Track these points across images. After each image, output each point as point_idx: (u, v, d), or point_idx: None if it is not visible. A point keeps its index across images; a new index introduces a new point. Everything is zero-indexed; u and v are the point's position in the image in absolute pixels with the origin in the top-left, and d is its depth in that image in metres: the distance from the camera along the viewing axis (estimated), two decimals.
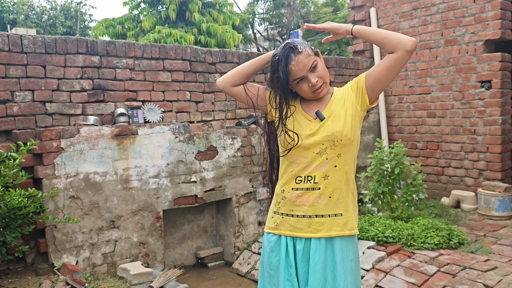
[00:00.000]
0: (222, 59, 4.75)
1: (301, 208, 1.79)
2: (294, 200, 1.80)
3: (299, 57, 1.77)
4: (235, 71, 1.94)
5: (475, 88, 5.23)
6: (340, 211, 1.78)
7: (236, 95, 1.95)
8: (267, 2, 18.50)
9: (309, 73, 1.78)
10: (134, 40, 11.39)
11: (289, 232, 1.82)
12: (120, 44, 4.09)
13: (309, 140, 1.78)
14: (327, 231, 1.77)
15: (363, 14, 6.24)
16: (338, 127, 1.76)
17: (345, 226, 1.78)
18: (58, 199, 3.49)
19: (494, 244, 3.88)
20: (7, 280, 3.26)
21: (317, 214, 1.78)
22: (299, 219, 1.80)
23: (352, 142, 1.79)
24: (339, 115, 1.78)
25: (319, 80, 1.79)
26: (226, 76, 1.95)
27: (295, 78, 1.79)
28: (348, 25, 1.88)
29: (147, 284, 3.58)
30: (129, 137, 3.85)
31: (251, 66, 1.92)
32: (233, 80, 1.93)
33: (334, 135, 1.75)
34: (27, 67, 3.60)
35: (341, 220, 1.78)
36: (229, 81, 1.94)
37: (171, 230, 4.42)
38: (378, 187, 4.29)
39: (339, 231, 1.77)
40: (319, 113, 1.80)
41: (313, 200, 1.77)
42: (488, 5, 5.02)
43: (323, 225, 1.77)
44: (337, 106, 1.81)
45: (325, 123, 1.78)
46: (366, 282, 3.39)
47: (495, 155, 5.11)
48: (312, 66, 1.78)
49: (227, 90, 1.96)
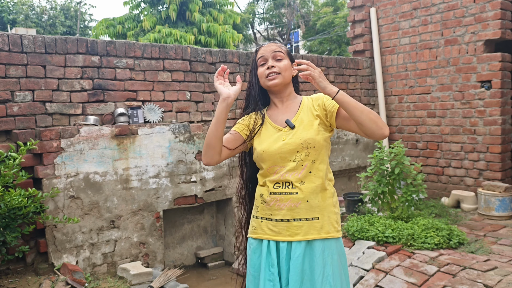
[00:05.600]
0: (222, 59, 4.75)
1: (279, 212, 1.82)
2: (273, 204, 1.83)
3: (270, 44, 1.91)
4: (208, 141, 1.81)
5: (475, 88, 5.23)
6: (316, 215, 1.81)
7: (230, 154, 1.91)
8: (267, 2, 18.51)
9: (272, 59, 1.86)
10: (134, 40, 11.41)
11: (268, 236, 1.85)
12: (120, 44, 4.09)
13: (284, 149, 1.81)
14: (305, 234, 1.80)
15: (363, 14, 6.24)
16: (310, 134, 1.81)
17: (321, 229, 1.81)
18: (58, 199, 3.49)
19: (494, 244, 3.88)
20: (7, 280, 3.26)
21: (295, 218, 1.80)
22: (278, 223, 1.82)
23: (325, 147, 1.84)
24: (310, 123, 1.83)
25: (276, 68, 1.85)
26: (207, 152, 1.82)
27: (259, 56, 1.89)
28: (333, 90, 1.71)
29: (147, 284, 3.58)
30: (129, 137, 3.85)
31: (218, 123, 1.79)
32: (215, 149, 1.81)
33: (308, 142, 1.80)
34: (27, 67, 3.60)
35: (317, 223, 1.81)
36: (214, 152, 1.81)
37: (171, 230, 4.42)
38: (378, 187, 4.29)
39: (316, 235, 1.80)
40: (289, 121, 1.85)
41: (291, 204, 1.80)
42: (488, 5, 5.02)
43: (301, 229, 1.80)
44: (307, 114, 1.86)
45: (297, 131, 1.83)
46: (366, 282, 3.39)
47: (495, 155, 5.10)
48: (277, 56, 1.87)
49: (218, 160, 1.84)
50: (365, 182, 4.45)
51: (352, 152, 5.76)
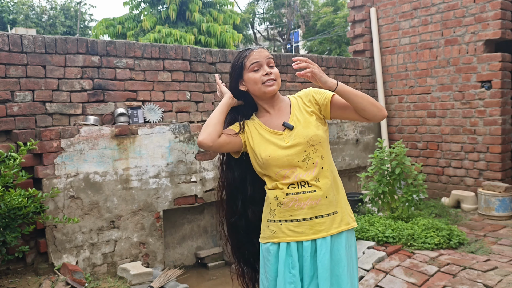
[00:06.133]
0: (222, 59, 4.75)
1: (300, 212, 1.80)
2: (292, 205, 1.80)
3: (262, 49, 1.87)
4: (212, 121, 1.82)
5: (475, 88, 5.23)
6: (335, 209, 1.84)
7: (224, 143, 1.85)
8: (267, 2, 18.50)
9: (266, 65, 1.83)
10: (134, 40, 11.41)
11: (290, 238, 1.82)
12: (120, 44, 4.09)
13: (292, 151, 1.80)
14: (328, 230, 1.81)
15: (363, 14, 6.24)
16: (313, 131, 1.81)
17: (341, 222, 1.85)
18: (58, 199, 3.49)
19: (494, 244, 3.88)
20: (7, 280, 3.26)
21: (317, 215, 1.80)
22: (300, 223, 1.80)
23: (326, 140, 1.87)
24: (307, 121, 1.83)
25: (273, 74, 1.83)
26: (208, 131, 1.80)
27: (253, 62, 1.82)
28: (333, 83, 1.77)
29: (147, 284, 3.58)
30: (129, 137, 3.85)
31: (222, 112, 1.85)
32: (216, 129, 1.81)
33: (313, 139, 1.80)
34: (27, 67, 3.60)
35: (338, 217, 1.84)
36: (215, 132, 1.80)
37: (171, 230, 4.42)
38: (378, 187, 4.28)
39: (337, 228, 1.83)
40: (287, 123, 1.84)
41: (312, 202, 1.79)
42: (488, 5, 5.02)
43: (324, 225, 1.80)
44: (301, 113, 1.86)
45: (298, 131, 1.82)
46: (366, 282, 3.39)
47: (495, 155, 5.10)
48: (270, 62, 1.84)
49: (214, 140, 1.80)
50: (365, 182, 4.45)
51: (352, 152, 5.76)
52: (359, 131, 5.85)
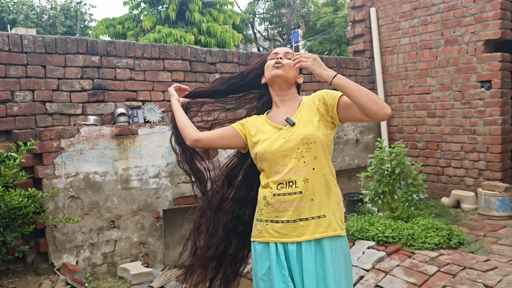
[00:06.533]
0: (222, 59, 4.75)
1: (285, 213, 1.80)
2: (277, 206, 1.81)
3: (284, 47, 2.03)
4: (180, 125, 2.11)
5: (475, 88, 5.23)
6: (323, 213, 1.80)
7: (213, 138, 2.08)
8: (267, 2, 18.50)
9: (283, 55, 1.95)
10: (134, 40, 11.41)
11: (274, 238, 1.83)
12: (120, 44, 4.09)
13: (285, 146, 1.81)
14: (312, 233, 1.78)
15: (363, 14, 6.24)
16: (310, 130, 1.81)
17: (329, 227, 1.79)
18: (58, 199, 3.49)
19: (494, 244, 3.88)
20: (7, 280, 3.26)
21: (301, 218, 1.79)
22: (284, 225, 1.81)
23: (326, 144, 1.83)
24: (310, 120, 1.83)
25: (284, 60, 1.91)
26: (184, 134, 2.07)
27: (272, 53, 2.00)
28: (330, 75, 1.75)
29: (147, 284, 3.58)
30: (129, 137, 3.85)
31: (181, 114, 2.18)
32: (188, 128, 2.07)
33: (308, 138, 1.79)
34: (27, 67, 3.60)
35: (324, 221, 1.79)
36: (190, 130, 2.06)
37: (171, 230, 4.42)
38: (378, 187, 4.28)
39: (323, 233, 1.78)
40: (289, 119, 1.87)
41: (296, 204, 1.79)
42: (488, 5, 5.02)
43: (308, 228, 1.78)
44: (307, 111, 1.86)
45: (297, 128, 1.83)
46: (366, 282, 3.39)
47: (495, 155, 5.10)
48: (288, 56, 1.95)
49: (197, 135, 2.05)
50: (365, 182, 4.45)
51: (352, 152, 5.76)
52: (359, 131, 5.85)
